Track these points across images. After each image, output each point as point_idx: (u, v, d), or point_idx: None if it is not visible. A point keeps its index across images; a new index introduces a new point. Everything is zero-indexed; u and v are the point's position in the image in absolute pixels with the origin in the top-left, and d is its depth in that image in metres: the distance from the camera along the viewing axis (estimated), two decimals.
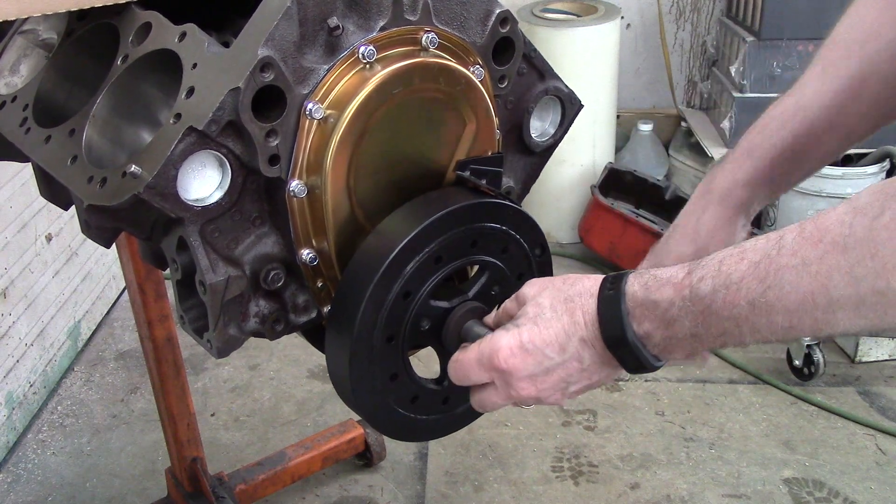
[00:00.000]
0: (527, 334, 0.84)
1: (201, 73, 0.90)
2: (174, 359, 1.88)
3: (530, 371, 0.84)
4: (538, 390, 0.85)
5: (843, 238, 0.69)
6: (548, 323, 0.84)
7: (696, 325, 0.77)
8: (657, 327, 0.80)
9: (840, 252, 0.69)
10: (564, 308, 0.84)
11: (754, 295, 0.73)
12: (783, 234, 0.73)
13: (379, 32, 0.93)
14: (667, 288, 0.78)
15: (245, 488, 2.09)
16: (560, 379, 0.85)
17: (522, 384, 0.85)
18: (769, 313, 0.73)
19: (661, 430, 2.45)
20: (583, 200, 3.40)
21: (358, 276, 0.92)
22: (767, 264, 0.72)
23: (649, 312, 0.79)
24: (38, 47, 1.15)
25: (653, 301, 0.79)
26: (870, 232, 0.67)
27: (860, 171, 2.96)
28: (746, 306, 0.74)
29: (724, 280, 0.75)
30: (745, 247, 0.75)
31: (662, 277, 0.79)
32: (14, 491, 2.31)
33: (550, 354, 0.84)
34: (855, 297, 0.69)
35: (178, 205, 0.87)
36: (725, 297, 0.74)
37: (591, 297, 0.83)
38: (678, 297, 0.77)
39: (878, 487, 2.22)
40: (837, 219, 0.70)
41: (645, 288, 0.80)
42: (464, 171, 1.02)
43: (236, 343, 0.96)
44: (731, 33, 3.43)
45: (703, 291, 0.76)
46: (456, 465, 2.34)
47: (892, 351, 2.68)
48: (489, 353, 0.85)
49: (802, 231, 0.72)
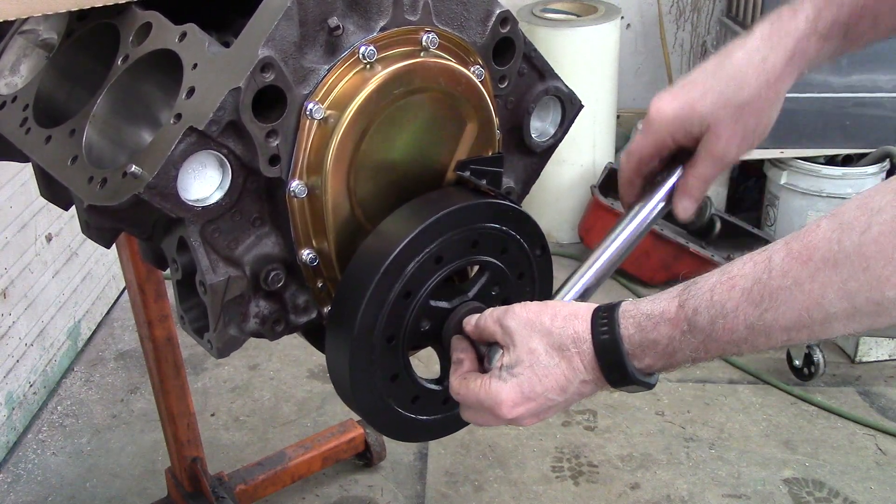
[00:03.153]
0: (527, 385, 0.85)
1: (202, 74, 0.89)
2: (174, 359, 1.88)
3: (534, 412, 0.86)
4: (541, 419, 0.88)
5: (832, 255, 0.70)
6: (546, 371, 0.84)
7: (697, 352, 0.79)
8: (658, 360, 0.81)
9: (831, 269, 0.70)
10: (560, 356, 0.84)
11: (752, 319, 0.74)
12: (770, 255, 0.74)
13: (379, 33, 0.93)
14: (663, 326, 0.79)
15: (245, 488, 2.09)
16: (563, 408, 0.88)
17: (528, 421, 0.87)
18: (767, 333, 0.74)
19: (661, 430, 2.45)
20: (583, 200, 3.40)
21: (358, 276, 0.92)
22: (760, 289, 0.73)
23: (649, 350, 0.81)
24: (38, 47, 1.15)
25: (651, 340, 0.80)
26: (859, 247, 0.68)
27: (860, 171, 2.96)
28: (745, 330, 0.75)
29: (720, 310, 0.76)
30: (733, 272, 0.76)
31: (655, 314, 0.80)
32: (14, 491, 2.31)
33: (553, 397, 0.85)
34: (850, 308, 0.70)
35: (179, 205, 0.87)
36: (724, 325, 0.76)
37: (585, 342, 0.83)
38: (676, 332, 0.79)
39: (878, 487, 2.22)
40: (824, 236, 0.71)
41: (640, 329, 0.80)
42: (464, 171, 1.02)
43: (236, 343, 0.96)
44: (731, 33, 3.43)
45: (700, 324, 0.77)
46: (456, 465, 2.34)
47: (892, 351, 2.68)
48: (492, 405, 0.86)
49: (790, 251, 0.72)
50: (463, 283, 1.01)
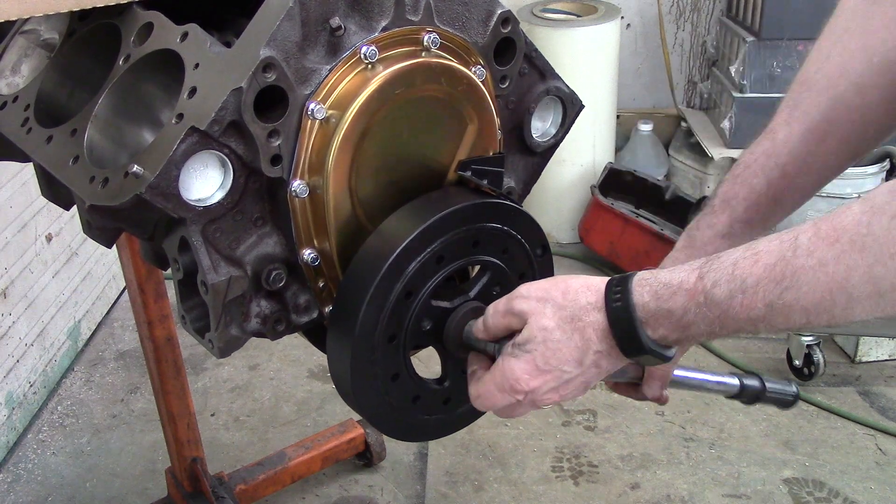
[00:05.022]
0: (541, 357, 0.84)
1: (203, 74, 0.90)
2: (174, 359, 1.88)
3: (552, 385, 0.86)
4: (561, 396, 0.87)
5: (860, 237, 0.69)
6: (559, 344, 0.84)
7: (712, 327, 0.78)
8: (672, 331, 0.80)
9: (858, 251, 0.69)
10: (573, 327, 0.83)
11: (772, 297, 0.73)
12: (797, 234, 0.73)
13: (381, 33, 0.93)
14: (679, 295, 0.78)
15: (245, 488, 2.09)
16: (581, 383, 0.87)
17: (547, 396, 0.87)
18: (787, 313, 0.73)
19: (661, 430, 2.45)
20: (583, 200, 3.40)
21: (360, 276, 0.92)
22: (784, 266, 0.72)
23: (664, 320, 0.80)
24: (39, 47, 1.15)
25: (666, 310, 0.79)
26: (888, 231, 0.67)
27: (860, 171, 2.96)
28: (764, 308, 0.74)
29: (740, 284, 0.75)
30: (759, 248, 0.75)
31: (673, 283, 0.79)
32: (14, 491, 2.31)
33: (568, 369, 0.85)
34: (874, 293, 0.69)
35: (180, 205, 0.87)
36: (742, 301, 0.75)
37: (597, 311, 0.82)
38: (692, 303, 0.77)
39: (878, 487, 2.22)
40: (854, 218, 0.70)
41: (655, 297, 0.80)
42: (465, 171, 1.02)
43: (238, 343, 0.96)
44: (731, 33, 3.44)
45: (718, 297, 0.76)
46: (456, 465, 2.34)
47: (892, 351, 2.68)
48: (509, 381, 0.86)
49: (818, 231, 0.71)
50: (464, 282, 1.01)
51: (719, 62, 3.62)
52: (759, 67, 3.22)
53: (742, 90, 3.26)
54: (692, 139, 3.59)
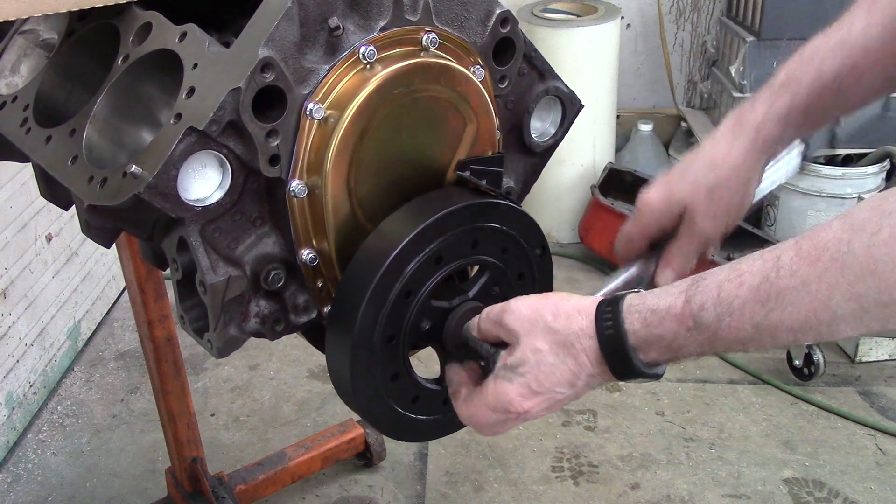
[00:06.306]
0: (534, 381, 0.85)
1: (202, 73, 0.89)
2: (174, 359, 1.88)
3: (545, 406, 0.87)
4: (553, 410, 0.89)
5: (841, 255, 0.69)
6: (552, 368, 0.84)
7: (702, 348, 0.79)
8: (663, 354, 0.81)
9: (839, 270, 0.69)
10: (566, 353, 0.84)
11: (758, 319, 0.74)
12: (779, 253, 0.74)
13: (379, 33, 0.93)
14: (668, 321, 0.79)
15: (245, 488, 2.09)
16: (574, 397, 0.88)
17: (540, 413, 0.88)
18: (774, 333, 0.74)
19: (661, 430, 2.45)
20: (583, 200, 3.40)
21: (358, 276, 0.92)
22: (768, 287, 0.73)
23: (654, 345, 0.81)
24: (38, 47, 1.15)
25: (656, 336, 0.80)
26: (869, 249, 0.68)
27: (860, 171, 2.96)
28: (752, 329, 0.75)
29: (727, 307, 0.75)
30: (742, 269, 0.76)
31: (661, 309, 0.80)
32: (14, 491, 2.31)
33: (561, 391, 0.85)
34: (858, 310, 0.69)
35: (179, 205, 0.87)
36: (730, 324, 0.75)
37: (589, 338, 0.83)
38: (682, 328, 0.78)
39: (878, 487, 2.22)
40: (834, 236, 0.70)
41: (645, 323, 0.80)
42: (464, 171, 1.02)
43: (237, 343, 0.96)
44: (731, 33, 3.44)
45: (706, 320, 0.77)
46: (456, 465, 2.34)
47: (892, 351, 2.68)
48: (503, 404, 0.86)
49: (799, 250, 0.72)
50: (463, 282, 1.01)
51: (719, 62, 3.62)
52: (759, 67, 3.22)
53: (742, 90, 3.25)
54: (692, 139, 3.59)
